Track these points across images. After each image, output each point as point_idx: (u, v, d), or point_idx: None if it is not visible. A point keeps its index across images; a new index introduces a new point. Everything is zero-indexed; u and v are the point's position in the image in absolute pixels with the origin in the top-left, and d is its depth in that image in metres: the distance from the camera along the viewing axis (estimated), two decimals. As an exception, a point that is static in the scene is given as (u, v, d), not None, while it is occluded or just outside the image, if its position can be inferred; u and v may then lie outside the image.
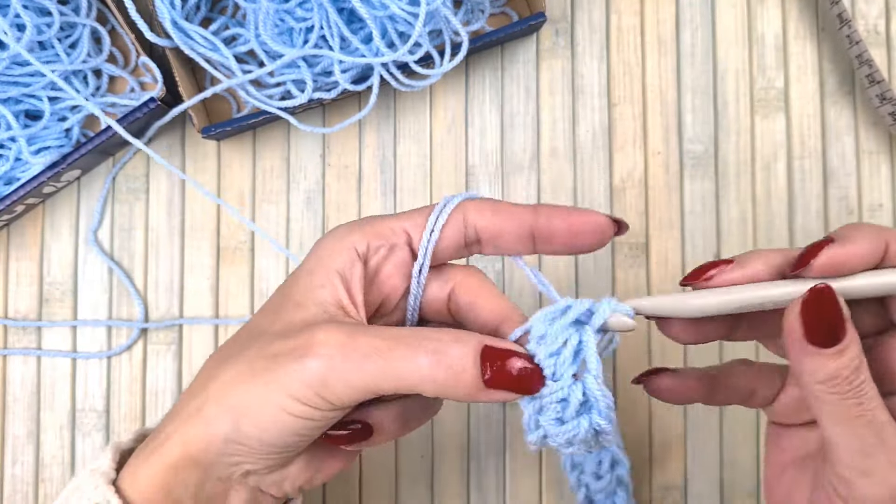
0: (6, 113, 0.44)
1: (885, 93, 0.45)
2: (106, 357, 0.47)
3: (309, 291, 0.29)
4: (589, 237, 0.29)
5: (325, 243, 0.30)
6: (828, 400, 0.26)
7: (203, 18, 0.46)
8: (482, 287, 0.31)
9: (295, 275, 0.30)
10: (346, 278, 0.29)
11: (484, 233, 0.30)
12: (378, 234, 0.30)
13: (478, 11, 0.47)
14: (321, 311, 0.28)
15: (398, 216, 0.31)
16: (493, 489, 0.46)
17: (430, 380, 0.26)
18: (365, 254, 0.30)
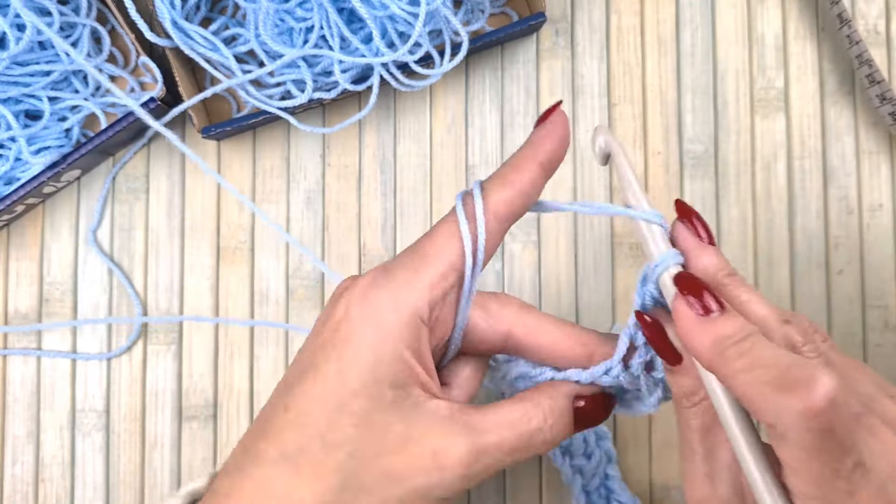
0: (6, 113, 0.44)
1: (885, 93, 0.45)
2: (106, 358, 0.47)
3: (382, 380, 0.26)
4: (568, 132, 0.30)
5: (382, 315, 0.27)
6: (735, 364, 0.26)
7: (203, 18, 0.46)
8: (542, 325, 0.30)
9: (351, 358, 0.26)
10: (419, 352, 0.27)
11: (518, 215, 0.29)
12: (433, 286, 0.27)
13: (478, 11, 0.47)
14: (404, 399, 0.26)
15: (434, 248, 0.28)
16: (494, 489, 0.46)
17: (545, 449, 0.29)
18: (428, 317, 0.27)
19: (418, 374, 0.27)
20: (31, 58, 0.44)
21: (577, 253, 0.47)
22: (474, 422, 0.27)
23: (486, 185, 0.29)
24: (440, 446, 0.26)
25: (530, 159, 0.29)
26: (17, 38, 0.42)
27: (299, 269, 0.47)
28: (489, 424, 0.27)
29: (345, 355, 0.26)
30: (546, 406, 0.28)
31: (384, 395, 0.26)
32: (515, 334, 0.30)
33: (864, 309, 0.47)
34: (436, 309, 0.28)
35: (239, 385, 0.47)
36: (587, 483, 0.43)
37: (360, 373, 0.26)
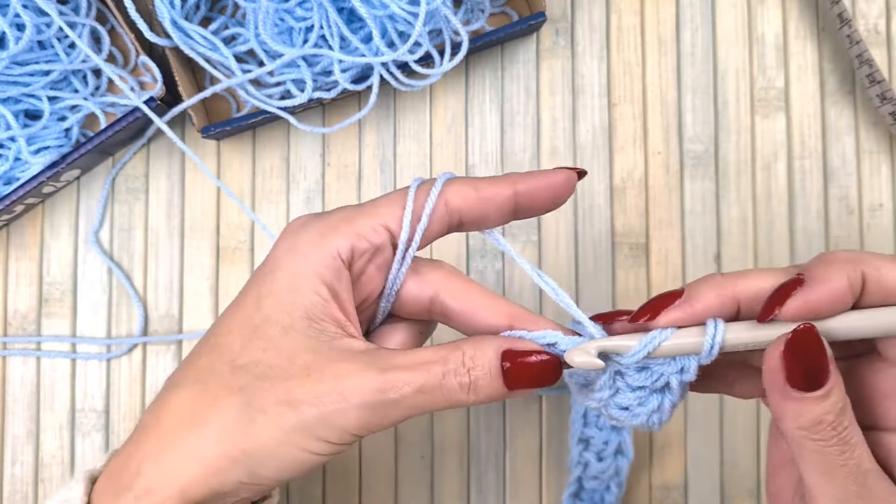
0: (6, 113, 0.44)
1: (885, 92, 0.45)
2: (105, 360, 0.47)
3: (296, 310, 0.27)
4: (563, 190, 0.30)
5: (301, 247, 0.28)
6: (810, 447, 0.25)
7: (203, 18, 0.46)
8: (471, 291, 0.30)
9: (268, 286, 0.27)
10: (335, 290, 0.27)
11: (468, 217, 0.29)
12: (360, 236, 0.28)
13: (478, 11, 0.47)
14: (318, 333, 0.27)
15: (372, 210, 0.28)
16: (493, 489, 0.46)
17: (466, 403, 0.27)
18: (349, 259, 0.28)
19: (333, 312, 0.27)
20: (30, 57, 0.44)
21: (577, 253, 0.47)
22: (384, 357, 0.27)
23: (454, 179, 0.29)
24: (343, 375, 0.26)
25: (507, 181, 0.29)
26: (16, 38, 0.42)
27: (299, 269, 0.47)
28: (400, 361, 0.27)
29: (264, 284, 0.27)
30: (467, 350, 0.27)
31: (296, 325, 0.27)
32: (442, 298, 0.30)
33: (865, 309, 0.47)
34: (360, 260, 0.28)
35: (239, 385, 0.47)
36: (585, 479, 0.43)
37: (275, 300, 0.27)
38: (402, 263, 0.29)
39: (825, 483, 0.25)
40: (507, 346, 0.28)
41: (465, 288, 0.30)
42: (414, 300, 0.30)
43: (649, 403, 0.28)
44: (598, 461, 0.43)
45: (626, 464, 0.43)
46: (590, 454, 0.43)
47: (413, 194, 0.29)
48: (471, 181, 0.29)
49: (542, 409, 0.47)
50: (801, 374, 0.25)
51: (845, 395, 0.25)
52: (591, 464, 0.43)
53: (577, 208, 0.48)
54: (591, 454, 0.43)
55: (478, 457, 0.47)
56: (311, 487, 0.46)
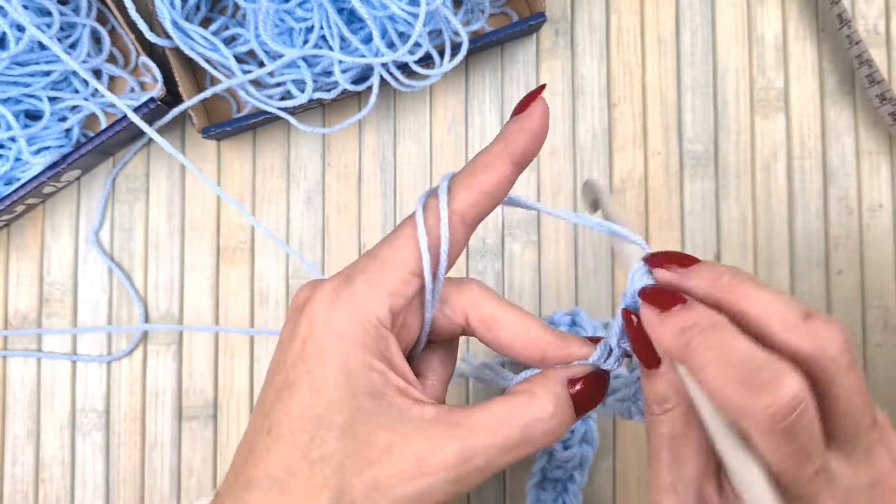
0: (6, 113, 0.44)
1: (885, 93, 0.45)
2: (106, 362, 0.47)
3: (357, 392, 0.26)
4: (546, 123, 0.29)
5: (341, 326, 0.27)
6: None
7: (203, 18, 0.46)
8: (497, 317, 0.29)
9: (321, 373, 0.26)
10: (387, 358, 0.27)
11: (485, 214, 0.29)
12: (394, 294, 0.27)
13: (478, 11, 0.47)
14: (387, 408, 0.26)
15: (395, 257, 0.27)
16: (493, 489, 0.46)
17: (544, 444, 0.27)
18: (391, 322, 0.27)
19: (393, 381, 0.27)
20: (30, 58, 0.44)
21: (577, 253, 0.47)
22: (461, 421, 0.26)
23: (453, 184, 0.28)
24: (425, 450, 0.25)
25: (501, 156, 0.28)
26: (17, 39, 0.42)
27: (299, 269, 0.47)
28: (477, 422, 0.26)
29: (315, 371, 0.26)
30: (541, 394, 0.27)
31: (362, 406, 0.26)
32: (472, 326, 0.29)
33: (864, 309, 0.47)
34: (399, 316, 0.27)
35: (239, 385, 0.47)
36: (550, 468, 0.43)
37: (333, 386, 0.26)
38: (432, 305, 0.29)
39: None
40: (570, 374, 0.28)
41: (492, 315, 0.29)
42: (446, 331, 0.30)
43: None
44: (563, 450, 0.43)
45: (592, 452, 0.43)
46: (555, 443, 0.43)
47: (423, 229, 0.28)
48: (473, 181, 0.28)
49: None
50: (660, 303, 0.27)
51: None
52: (557, 452, 0.43)
53: (577, 209, 0.48)
54: (557, 443, 0.43)
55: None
56: (312, 487, 0.46)
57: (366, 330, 0.26)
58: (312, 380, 0.26)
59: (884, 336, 0.47)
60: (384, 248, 0.28)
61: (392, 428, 0.26)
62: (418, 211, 0.28)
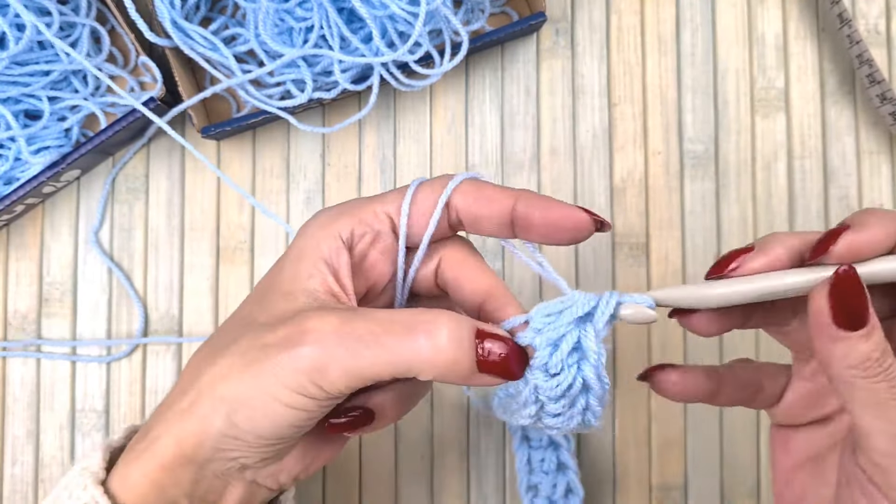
0: (6, 113, 0.44)
1: (885, 93, 0.45)
2: (105, 362, 0.47)
3: (296, 280, 0.29)
4: (566, 233, 0.29)
5: (309, 231, 0.30)
6: (860, 385, 0.26)
7: (203, 18, 0.46)
8: (466, 261, 0.31)
9: (280, 264, 0.30)
10: (334, 266, 0.29)
11: (464, 216, 0.30)
12: (361, 221, 0.30)
13: (478, 11, 0.47)
14: (311, 299, 0.28)
15: (380, 199, 0.30)
16: (493, 489, 0.46)
17: (429, 363, 0.26)
18: (350, 240, 0.29)
19: (330, 286, 0.29)
20: (30, 57, 0.44)
21: (577, 253, 0.47)
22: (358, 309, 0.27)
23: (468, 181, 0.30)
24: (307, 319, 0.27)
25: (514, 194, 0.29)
26: (16, 38, 0.42)
27: (299, 269, 0.47)
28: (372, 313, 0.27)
29: (278, 263, 0.30)
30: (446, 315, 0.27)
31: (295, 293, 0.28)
32: (442, 267, 0.31)
33: (865, 309, 0.47)
34: (360, 242, 0.30)
35: (239, 385, 0.47)
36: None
37: (283, 272, 0.29)
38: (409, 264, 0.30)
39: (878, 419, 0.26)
40: (482, 326, 0.27)
41: (462, 260, 0.31)
42: (422, 277, 0.31)
43: (577, 404, 0.29)
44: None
45: (579, 501, 0.43)
46: (541, 500, 0.43)
47: (414, 187, 0.30)
48: (479, 183, 0.30)
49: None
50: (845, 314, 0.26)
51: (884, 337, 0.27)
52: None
53: (577, 208, 0.48)
54: (542, 500, 0.43)
55: (478, 457, 0.47)
56: (312, 487, 0.46)
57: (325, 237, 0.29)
58: (273, 270, 0.30)
59: (884, 336, 0.47)
60: (379, 194, 0.31)
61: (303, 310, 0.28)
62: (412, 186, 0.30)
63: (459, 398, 0.47)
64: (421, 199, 0.30)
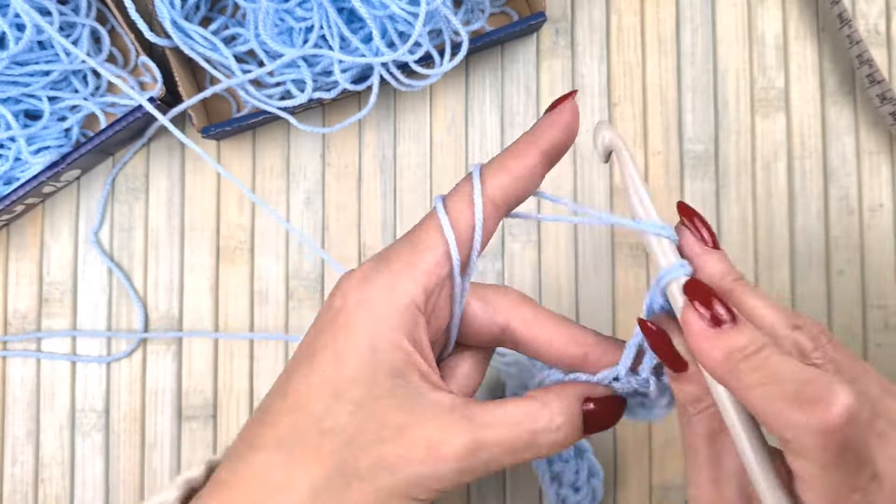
0: (6, 113, 0.44)
1: (885, 93, 0.45)
2: (106, 362, 0.47)
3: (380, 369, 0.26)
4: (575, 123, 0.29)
5: (375, 301, 0.27)
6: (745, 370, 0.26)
7: (203, 18, 0.46)
8: (540, 319, 0.29)
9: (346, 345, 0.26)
10: (416, 340, 0.27)
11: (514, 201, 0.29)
12: (428, 275, 0.27)
13: (478, 11, 0.47)
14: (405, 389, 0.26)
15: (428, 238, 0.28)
16: (493, 489, 0.46)
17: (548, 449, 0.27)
18: (424, 305, 0.27)
19: (417, 363, 0.27)
20: (30, 57, 0.44)
21: (577, 253, 0.47)
22: (475, 415, 0.26)
23: (484, 169, 0.29)
24: (437, 437, 0.25)
25: (532, 145, 0.29)
26: (16, 38, 0.42)
27: (299, 269, 0.47)
28: (491, 419, 0.26)
29: (341, 342, 0.26)
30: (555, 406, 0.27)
31: (381, 383, 0.26)
32: (512, 327, 0.29)
33: (865, 309, 0.47)
34: (432, 298, 0.27)
35: (239, 385, 0.47)
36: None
37: (356, 360, 0.26)
38: (462, 291, 0.29)
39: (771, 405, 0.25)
40: (587, 392, 0.28)
41: (535, 316, 0.30)
42: (485, 330, 0.30)
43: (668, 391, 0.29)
44: (575, 492, 0.43)
45: (600, 482, 0.43)
46: (566, 490, 0.43)
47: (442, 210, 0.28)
48: (501, 166, 0.29)
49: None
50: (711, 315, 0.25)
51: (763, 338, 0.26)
52: (570, 498, 0.43)
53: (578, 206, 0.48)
54: (567, 489, 0.43)
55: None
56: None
57: (398, 308, 0.26)
58: (337, 351, 0.26)
59: (884, 336, 0.47)
60: (419, 232, 0.28)
61: (407, 409, 0.26)
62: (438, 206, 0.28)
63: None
64: (462, 219, 0.28)
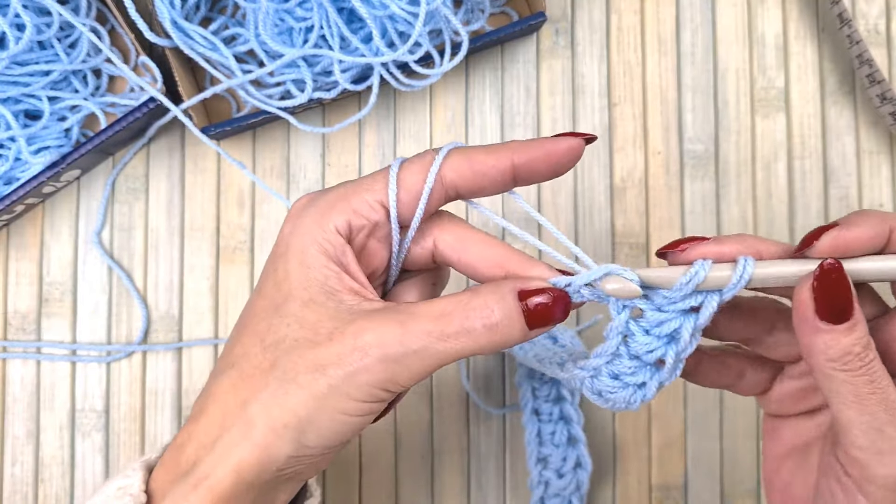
0: (6, 113, 0.44)
1: (885, 92, 0.45)
2: (105, 362, 0.47)
3: (310, 285, 0.28)
4: (567, 162, 0.29)
5: (302, 228, 0.29)
6: (840, 378, 0.26)
7: (203, 18, 0.46)
8: (466, 239, 0.30)
9: (280, 266, 0.29)
10: (343, 263, 0.29)
11: (464, 190, 0.29)
12: (356, 213, 0.29)
13: (478, 11, 0.47)
14: (338, 303, 0.28)
15: (367, 187, 0.29)
16: (493, 489, 0.46)
17: (489, 345, 0.27)
18: (348, 234, 0.29)
19: (347, 282, 0.28)
20: (30, 58, 0.44)
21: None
22: (402, 310, 0.27)
23: (453, 151, 0.29)
24: (364, 334, 0.27)
25: (508, 151, 0.29)
26: (16, 38, 0.42)
27: (299, 269, 0.47)
28: (418, 311, 0.27)
29: (280, 266, 0.29)
30: (486, 293, 0.28)
31: (315, 298, 0.28)
32: (440, 249, 0.30)
33: (865, 309, 0.47)
34: (359, 235, 0.29)
35: (239, 385, 0.47)
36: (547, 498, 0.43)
37: (292, 278, 0.28)
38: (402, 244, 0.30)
39: (857, 411, 0.26)
40: (521, 286, 0.28)
41: (460, 238, 0.30)
42: (417, 257, 0.31)
43: (639, 375, 0.29)
44: (558, 478, 0.43)
45: (587, 476, 0.43)
46: (550, 472, 0.43)
47: (396, 169, 0.29)
48: (467, 153, 0.29)
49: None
50: (828, 307, 0.26)
51: (868, 331, 0.27)
52: (552, 482, 0.43)
53: (577, 208, 0.48)
54: (551, 472, 0.43)
55: (478, 457, 0.46)
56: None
57: (324, 234, 0.28)
58: (276, 275, 0.29)
59: (884, 336, 0.47)
60: (366, 178, 0.30)
61: (339, 318, 0.27)
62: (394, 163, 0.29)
63: (459, 398, 0.47)
64: (410, 181, 0.29)
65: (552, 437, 0.43)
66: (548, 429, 0.44)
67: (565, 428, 0.43)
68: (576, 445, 0.43)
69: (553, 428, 0.44)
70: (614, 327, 0.28)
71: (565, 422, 0.43)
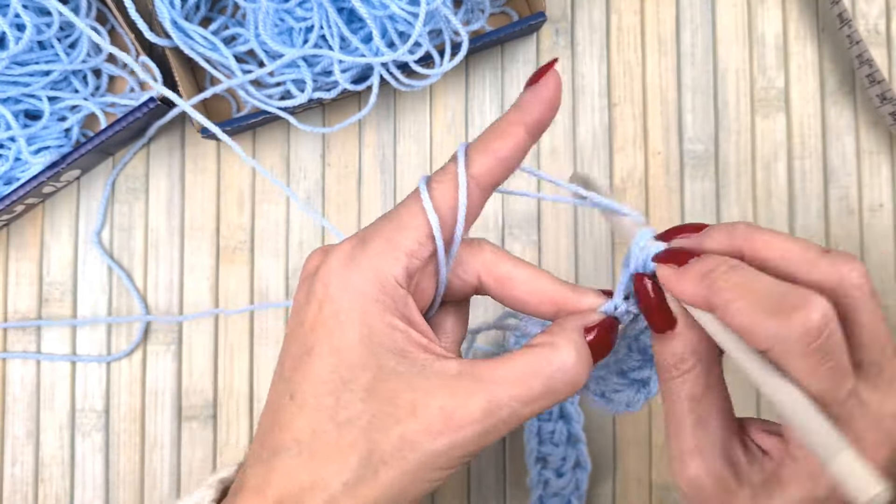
0: (6, 113, 0.44)
1: (885, 93, 0.45)
2: (105, 362, 0.47)
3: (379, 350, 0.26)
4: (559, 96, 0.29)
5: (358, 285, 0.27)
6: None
7: (203, 18, 0.46)
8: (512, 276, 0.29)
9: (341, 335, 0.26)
10: (407, 317, 0.27)
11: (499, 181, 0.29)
12: (411, 256, 0.27)
13: (478, 11, 0.47)
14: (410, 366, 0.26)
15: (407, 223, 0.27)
16: (493, 489, 0.46)
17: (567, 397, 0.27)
18: (407, 283, 0.27)
19: (415, 338, 0.27)
20: (30, 58, 0.44)
21: (577, 253, 0.47)
22: (485, 375, 0.26)
23: (470, 150, 0.28)
24: (451, 405, 0.25)
25: (516, 124, 0.28)
26: (16, 38, 0.42)
27: (299, 268, 0.47)
28: (501, 375, 0.26)
29: (335, 332, 0.26)
30: (562, 345, 0.27)
31: (386, 365, 0.26)
32: (485, 283, 0.30)
33: (865, 309, 0.47)
34: (415, 277, 0.28)
35: (238, 385, 0.47)
36: (546, 497, 0.44)
37: (356, 347, 0.26)
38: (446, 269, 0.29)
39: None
40: (584, 323, 0.28)
41: (506, 274, 0.29)
42: (459, 292, 0.30)
43: (645, 370, 0.29)
44: (558, 477, 0.43)
45: (586, 476, 0.43)
46: (549, 472, 0.43)
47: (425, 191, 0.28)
48: (484, 146, 0.28)
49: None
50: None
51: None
52: (552, 481, 0.43)
53: (578, 208, 0.48)
54: (551, 472, 0.43)
55: (478, 457, 0.46)
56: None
57: (384, 289, 0.26)
58: (332, 342, 0.26)
59: (884, 336, 0.47)
60: (400, 210, 0.28)
61: (416, 385, 0.26)
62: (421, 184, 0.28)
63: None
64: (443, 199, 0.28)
65: (552, 435, 0.43)
66: (547, 427, 0.44)
67: (565, 427, 0.44)
68: (575, 445, 0.43)
69: (553, 427, 0.44)
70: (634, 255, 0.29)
71: (565, 421, 0.44)
